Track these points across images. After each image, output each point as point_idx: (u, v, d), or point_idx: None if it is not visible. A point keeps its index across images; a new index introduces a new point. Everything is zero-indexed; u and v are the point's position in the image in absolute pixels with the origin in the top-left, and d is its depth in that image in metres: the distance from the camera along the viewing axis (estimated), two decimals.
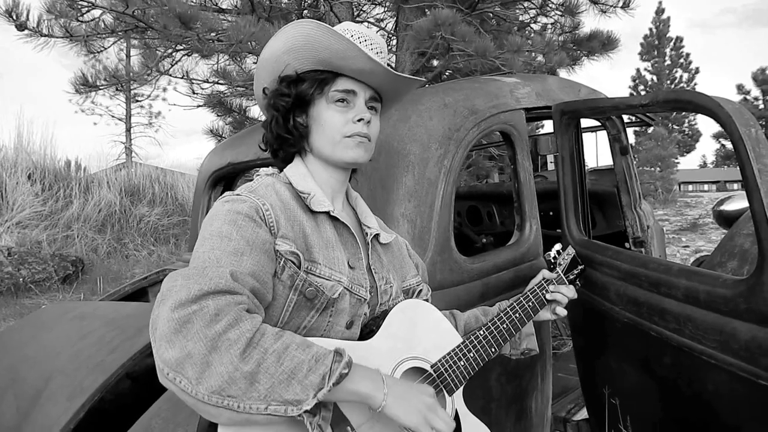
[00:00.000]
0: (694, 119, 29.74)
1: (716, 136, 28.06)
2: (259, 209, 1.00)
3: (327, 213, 1.12)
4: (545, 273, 1.50)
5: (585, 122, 2.58)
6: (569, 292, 1.47)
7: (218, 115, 6.97)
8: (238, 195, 1.04)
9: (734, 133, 1.30)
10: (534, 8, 6.49)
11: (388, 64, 1.12)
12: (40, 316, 2.28)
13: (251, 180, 1.16)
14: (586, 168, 2.42)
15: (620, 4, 5.77)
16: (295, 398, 0.81)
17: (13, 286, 6.30)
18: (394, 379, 0.97)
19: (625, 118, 2.62)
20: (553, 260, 1.61)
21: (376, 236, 1.22)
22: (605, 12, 5.85)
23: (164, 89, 15.36)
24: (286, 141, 1.15)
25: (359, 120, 1.11)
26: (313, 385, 0.82)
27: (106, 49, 5.39)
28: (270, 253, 0.98)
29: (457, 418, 1.16)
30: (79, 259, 7.31)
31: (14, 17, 4.34)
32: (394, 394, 0.92)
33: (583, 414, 2.43)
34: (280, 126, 1.14)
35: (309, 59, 1.11)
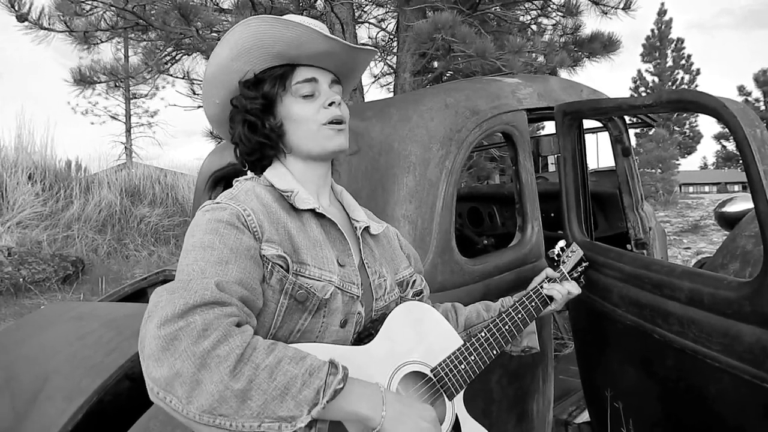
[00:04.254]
0: (695, 121, 29.72)
1: (717, 138, 28.04)
2: (240, 215, 0.98)
3: (312, 210, 1.09)
4: (548, 272, 1.48)
5: (586, 123, 2.57)
6: (573, 288, 1.45)
7: None
8: (217, 203, 1.01)
9: (739, 134, 1.29)
10: (535, 9, 6.49)
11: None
12: (38, 317, 2.26)
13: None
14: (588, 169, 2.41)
15: (621, 5, 5.76)
16: (289, 414, 0.78)
17: (12, 286, 6.29)
18: (395, 395, 0.93)
19: (627, 119, 2.61)
20: (556, 257, 1.59)
21: (366, 228, 1.20)
22: (606, 13, 5.84)
23: (163, 87, 15.37)
24: (265, 146, 1.12)
25: (330, 104, 1.09)
26: (307, 401, 0.79)
27: (102, 42, 5.37)
28: (256, 258, 0.96)
29: (457, 423, 1.14)
30: (79, 259, 7.29)
31: (16, 8, 4.33)
32: (391, 415, 0.88)
33: (585, 417, 2.42)
34: (258, 131, 1.10)
35: (262, 57, 1.08)
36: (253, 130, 1.11)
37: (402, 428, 0.88)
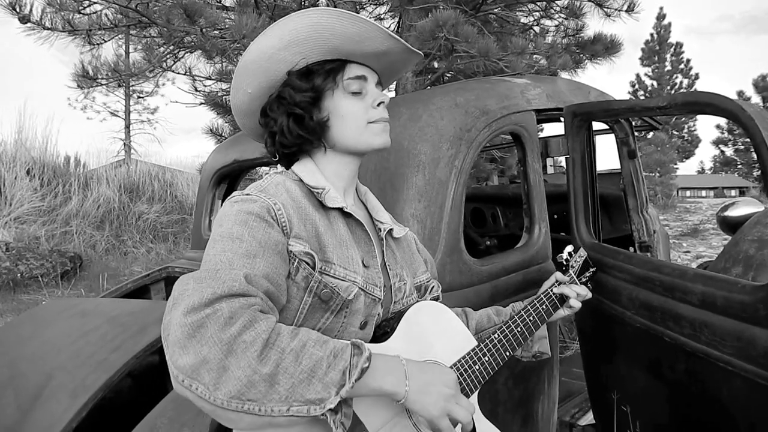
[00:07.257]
0: (694, 125, 29.73)
1: (716, 143, 28.05)
2: (270, 209, 0.97)
3: (340, 210, 1.09)
4: (558, 276, 1.48)
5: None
6: (581, 290, 1.45)
7: (218, 114, 6.94)
8: (248, 195, 1.00)
9: (756, 136, 1.28)
10: (538, 10, 6.48)
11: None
12: (40, 313, 2.24)
13: (254, 178, 1.12)
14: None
15: (625, 7, 5.76)
16: (318, 397, 0.78)
17: (10, 282, 6.26)
18: (417, 365, 0.93)
19: (633, 121, 2.60)
20: (565, 262, 1.59)
21: (390, 231, 1.19)
22: (610, 15, 5.83)
23: (163, 84, 15.33)
24: (307, 141, 1.10)
25: (379, 104, 1.09)
26: (334, 383, 0.79)
27: (105, 41, 5.34)
28: (283, 254, 0.95)
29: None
30: (77, 255, 7.26)
31: (17, 10, 4.31)
32: (415, 387, 0.89)
33: (588, 419, 2.41)
34: (303, 125, 1.08)
35: (316, 50, 1.06)
36: (298, 123, 1.09)
37: (426, 398, 0.90)
